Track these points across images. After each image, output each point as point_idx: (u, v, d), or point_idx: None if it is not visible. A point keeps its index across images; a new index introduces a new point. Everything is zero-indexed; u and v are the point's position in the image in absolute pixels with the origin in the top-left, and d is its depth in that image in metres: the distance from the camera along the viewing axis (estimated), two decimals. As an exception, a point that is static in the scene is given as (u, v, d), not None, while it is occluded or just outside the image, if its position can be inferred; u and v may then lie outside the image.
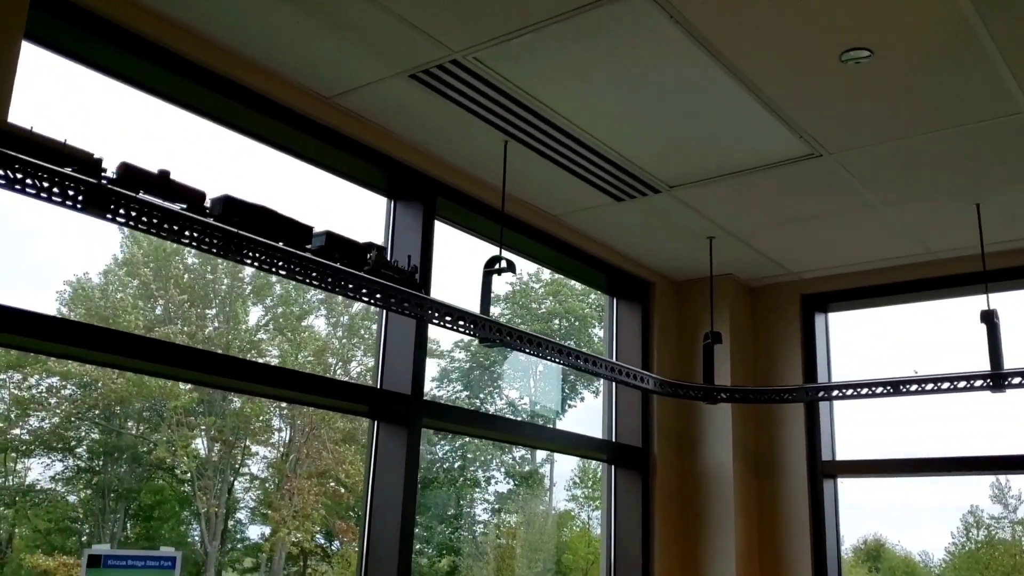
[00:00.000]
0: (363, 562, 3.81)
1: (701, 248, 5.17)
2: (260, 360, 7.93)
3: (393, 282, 3.26)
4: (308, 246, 3.07)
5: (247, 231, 2.86)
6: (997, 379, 4.28)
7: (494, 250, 3.85)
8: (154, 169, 2.71)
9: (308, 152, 3.95)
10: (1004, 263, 5.04)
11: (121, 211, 2.55)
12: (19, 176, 2.36)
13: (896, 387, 4.54)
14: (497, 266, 3.82)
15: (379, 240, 4.22)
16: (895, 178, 4.25)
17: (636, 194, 4.54)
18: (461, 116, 3.80)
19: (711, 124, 3.84)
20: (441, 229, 4.36)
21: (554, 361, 4.06)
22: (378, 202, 4.31)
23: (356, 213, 4.42)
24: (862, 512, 5.15)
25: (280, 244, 2.96)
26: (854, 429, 5.73)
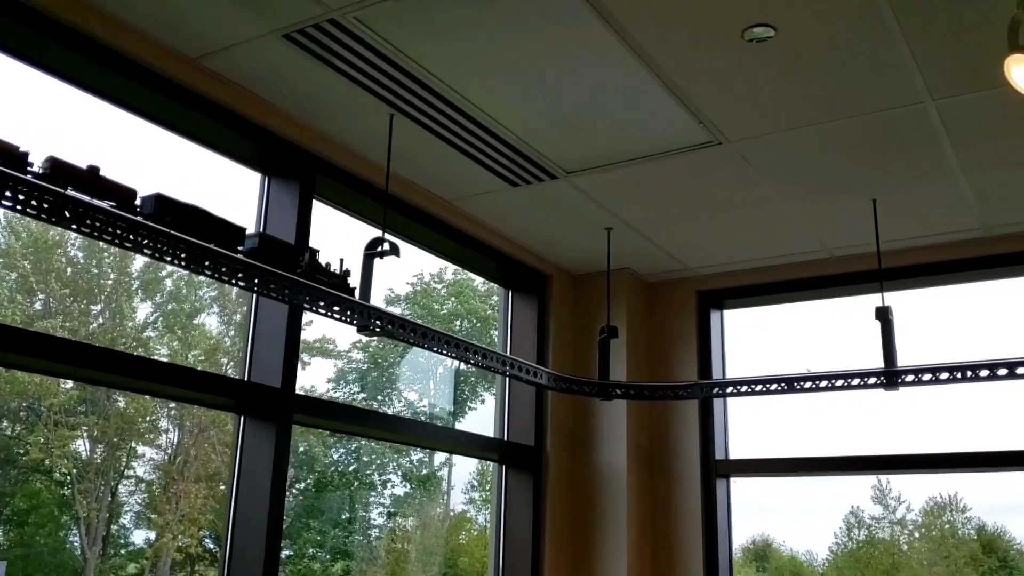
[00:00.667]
0: (225, 568, 3.47)
1: (599, 240, 4.99)
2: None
3: (325, 286, 3.23)
4: (240, 247, 3.01)
5: (179, 231, 2.77)
6: (890, 377, 4.22)
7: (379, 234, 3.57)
8: (83, 165, 2.60)
9: (172, 120, 3.58)
10: (899, 261, 5.02)
11: (46, 207, 2.46)
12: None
13: (791, 384, 4.45)
14: (380, 248, 3.53)
15: (251, 219, 3.92)
16: (794, 170, 4.15)
17: (532, 179, 4.32)
18: (342, 84, 3.50)
19: (611, 106, 3.65)
20: (322, 210, 4.04)
21: (442, 352, 3.79)
22: (252, 178, 3.97)
23: (227, 190, 4.06)
24: (750, 512, 5.12)
25: (211, 245, 2.88)
26: (748, 429, 5.65)
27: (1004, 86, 3.22)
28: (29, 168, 2.44)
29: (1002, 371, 4.02)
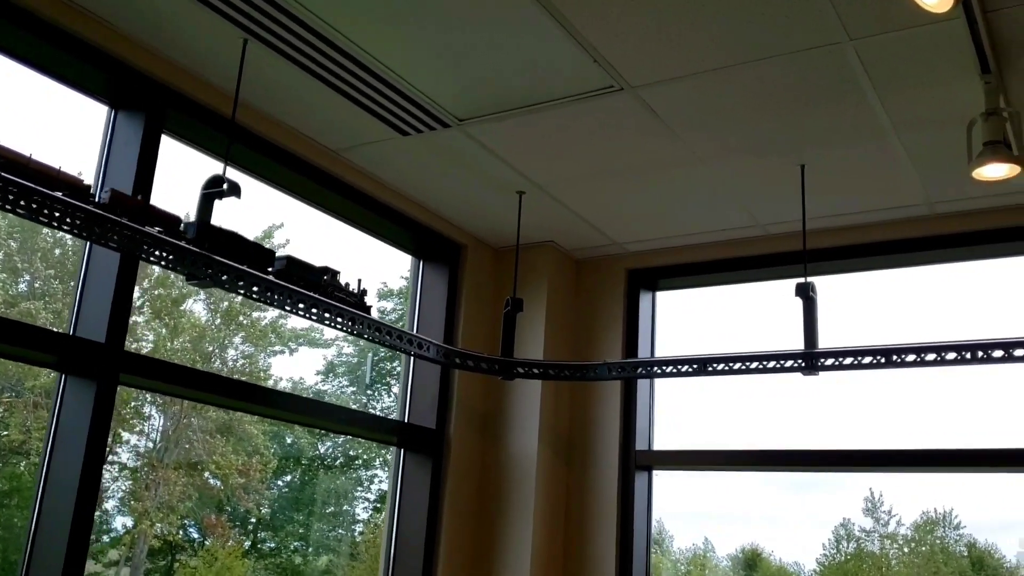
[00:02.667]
0: (27, 557, 3.04)
1: (515, 208, 4.58)
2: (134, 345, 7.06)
3: (343, 303, 3.53)
4: (270, 268, 3.28)
5: (218, 254, 3.06)
6: (810, 359, 3.81)
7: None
8: (137, 196, 3.02)
9: (11, 47, 3.17)
10: (837, 241, 4.63)
11: (111, 235, 2.77)
12: (31, 205, 2.57)
13: (703, 366, 4.04)
14: (222, 187, 3.10)
15: (94, 155, 3.51)
16: (709, 124, 3.73)
17: (422, 127, 3.90)
18: (192, 6, 3.08)
19: (499, 43, 3.24)
20: (177, 149, 3.62)
21: (296, 313, 3.38)
22: (100, 112, 3.56)
23: (75, 124, 3.64)
24: (739, 521, 4.89)
25: (245, 267, 3.14)
26: (687, 418, 5.23)
27: (927, 24, 2.86)
28: (91, 199, 2.75)
29: (929, 356, 3.61)
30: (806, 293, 3.88)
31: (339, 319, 3.50)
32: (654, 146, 3.94)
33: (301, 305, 3.35)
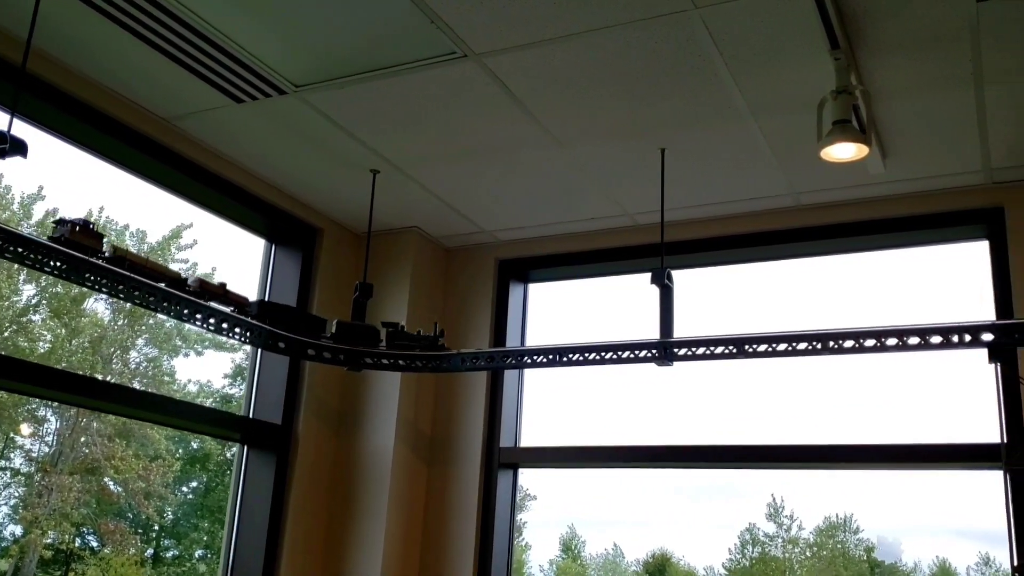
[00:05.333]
0: None
1: (376, 190, 4.31)
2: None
3: (411, 349, 4.05)
4: (324, 334, 3.98)
5: (277, 327, 3.80)
6: (665, 349, 3.65)
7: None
8: (216, 283, 3.60)
9: None
10: (700, 232, 4.52)
11: (197, 315, 3.46)
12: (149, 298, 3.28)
13: (558, 356, 3.84)
14: (4, 145, 2.76)
15: None
16: (562, 99, 3.53)
17: (256, 93, 3.60)
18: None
19: (329, 1, 2.97)
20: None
21: (87, 286, 3.06)
22: None
23: None
24: (649, 526, 4.75)
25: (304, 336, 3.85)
26: (557, 418, 5.03)
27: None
28: (187, 287, 3.42)
29: (781, 346, 3.48)
30: (662, 281, 3.72)
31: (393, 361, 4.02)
32: (509, 124, 3.73)
33: (363, 360, 3.99)
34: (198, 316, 3.44)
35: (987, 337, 3.24)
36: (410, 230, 4.89)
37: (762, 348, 3.50)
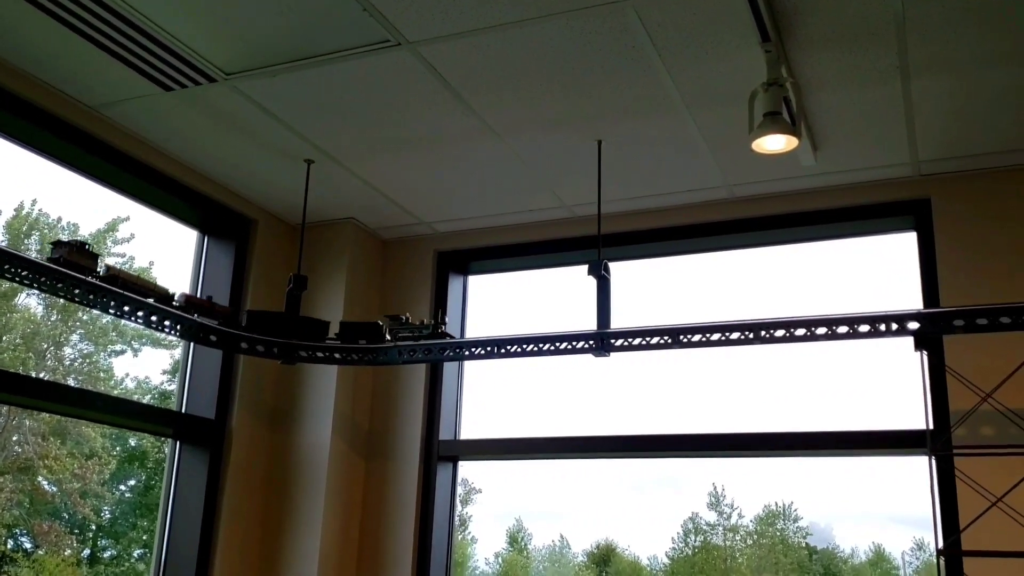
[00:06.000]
0: None
1: (311, 180, 4.25)
2: None
3: (415, 339, 3.97)
4: (330, 335, 4.03)
5: (271, 335, 3.90)
6: (601, 340, 3.66)
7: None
8: (204, 296, 3.91)
9: None
10: (628, 225, 4.52)
11: (125, 307, 3.48)
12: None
13: (495, 348, 3.83)
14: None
15: None
16: (498, 90, 3.51)
17: (186, 80, 3.51)
18: None
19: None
20: None
21: (82, 303, 3.08)
22: None
23: None
24: (594, 518, 4.77)
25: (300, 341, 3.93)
26: (498, 410, 5.01)
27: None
28: (173, 303, 3.67)
29: (715, 335, 3.52)
30: (599, 273, 3.74)
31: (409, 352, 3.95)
32: (446, 114, 3.70)
33: (358, 356, 4.00)
34: (125, 308, 3.47)
35: (913, 326, 3.31)
36: (346, 221, 4.83)
37: (696, 338, 3.53)
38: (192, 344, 4.45)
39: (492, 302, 5.17)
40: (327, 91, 3.56)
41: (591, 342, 3.67)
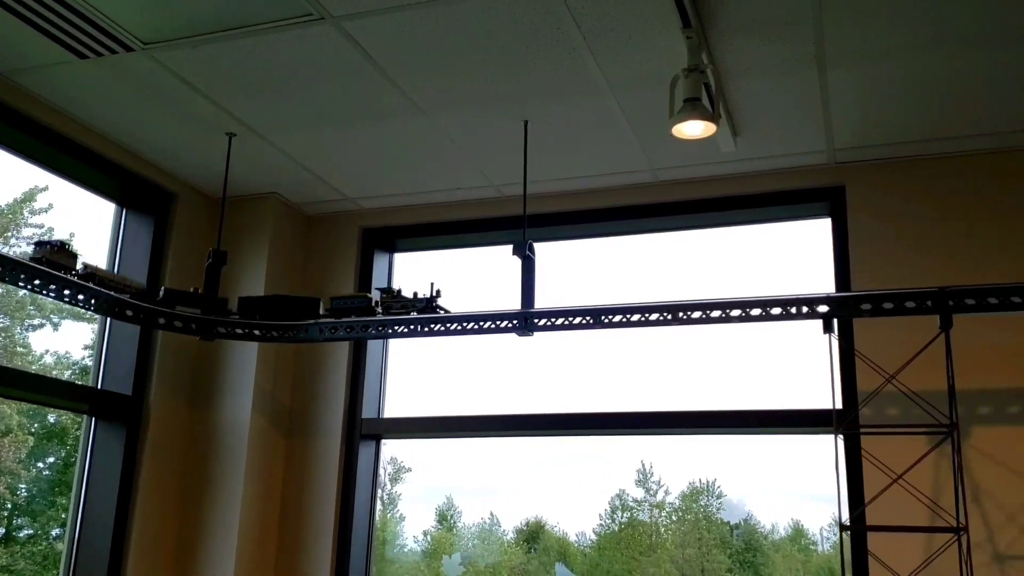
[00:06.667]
0: None
1: (233, 154, 4.17)
2: None
3: (406, 312, 3.91)
4: (321, 312, 3.99)
5: (265, 317, 3.95)
6: (525, 320, 3.69)
7: None
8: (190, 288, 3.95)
9: None
10: (554, 206, 4.56)
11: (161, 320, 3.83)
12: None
13: (420, 326, 3.83)
14: None
15: None
16: (425, 68, 3.49)
17: (101, 49, 3.41)
18: None
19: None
20: None
21: (60, 300, 3.03)
22: None
23: None
24: (524, 495, 4.79)
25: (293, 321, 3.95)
26: (425, 388, 5.01)
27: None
28: (157, 297, 3.86)
29: (635, 316, 3.58)
30: (523, 253, 3.77)
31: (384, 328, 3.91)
32: (371, 90, 3.67)
33: (361, 329, 3.94)
34: (163, 323, 3.81)
35: (822, 309, 3.42)
36: (269, 196, 4.76)
37: (617, 319, 3.59)
38: (108, 320, 4.35)
39: (418, 280, 5.15)
40: (250, 64, 3.50)
41: (514, 321, 3.70)
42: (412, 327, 3.84)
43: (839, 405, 3.78)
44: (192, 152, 4.30)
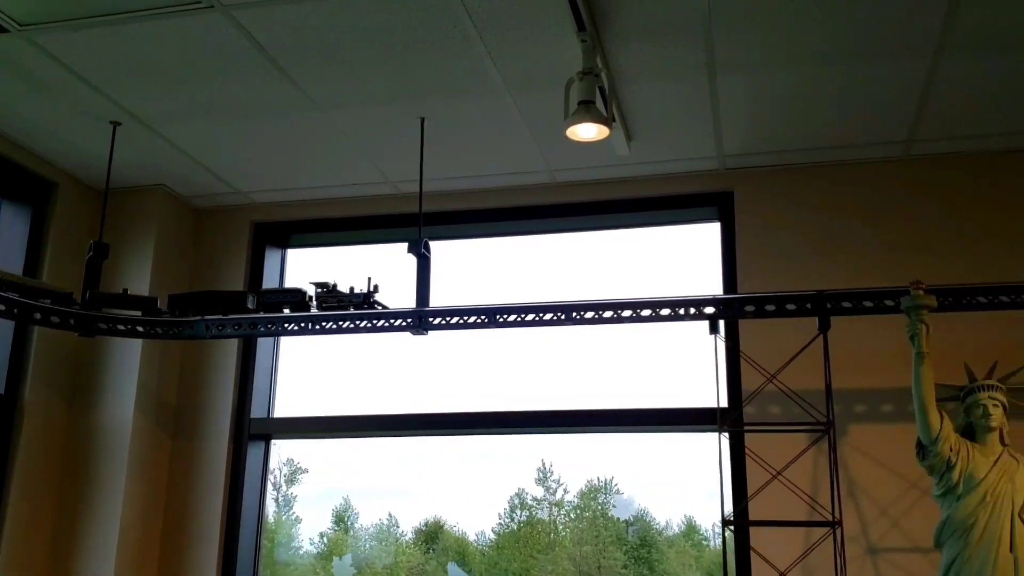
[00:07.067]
0: None
1: (117, 143, 4.01)
2: None
3: (342, 308, 3.79)
4: (249, 306, 3.86)
5: (191, 313, 3.89)
6: (420, 318, 3.67)
7: None
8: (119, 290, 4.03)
9: None
10: (453, 204, 4.56)
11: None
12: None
13: (310, 324, 3.77)
14: None
15: None
16: (319, 62, 3.43)
17: (-30, 28, 3.23)
18: None
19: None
20: None
21: None
22: None
23: None
24: (423, 496, 4.75)
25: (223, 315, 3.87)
26: (319, 387, 4.91)
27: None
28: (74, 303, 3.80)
29: (529, 316, 3.61)
30: (419, 251, 3.75)
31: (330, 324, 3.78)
32: (263, 83, 3.58)
33: (301, 325, 3.83)
34: (103, 328, 3.77)
35: (709, 310, 3.51)
36: (156, 188, 4.61)
37: (512, 318, 3.61)
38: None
39: (312, 277, 5.06)
40: (134, 50, 3.37)
41: (409, 320, 3.68)
42: (303, 325, 3.78)
43: (724, 404, 3.89)
44: (73, 141, 4.12)
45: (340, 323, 3.73)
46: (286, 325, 3.79)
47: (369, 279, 3.79)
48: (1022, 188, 3.97)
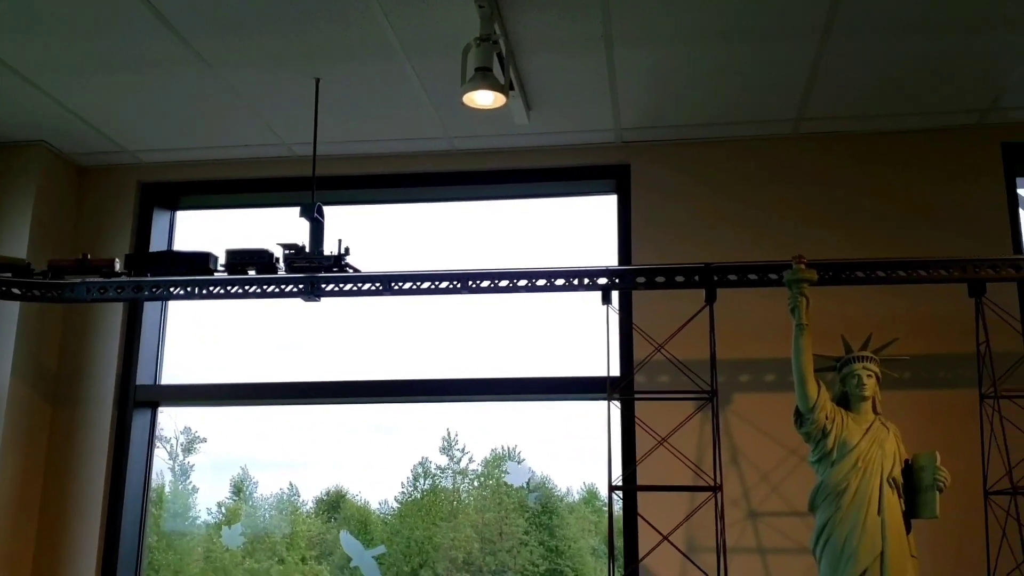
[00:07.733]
0: None
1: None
2: None
3: (312, 271, 3.61)
4: (215, 269, 3.74)
5: (157, 274, 3.73)
6: (312, 285, 3.61)
7: None
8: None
9: None
10: (347, 169, 4.48)
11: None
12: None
13: (198, 288, 3.67)
14: None
15: None
16: (208, 16, 3.30)
17: None
18: None
19: None
20: None
21: None
22: None
23: None
24: (326, 465, 4.74)
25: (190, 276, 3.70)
26: (216, 354, 4.78)
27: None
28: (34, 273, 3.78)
29: (425, 284, 3.60)
30: (311, 215, 3.67)
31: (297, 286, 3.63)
32: (151, 39, 3.44)
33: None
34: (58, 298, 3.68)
35: (602, 281, 3.56)
36: (36, 144, 4.38)
37: (407, 286, 3.59)
38: None
39: (203, 241, 4.92)
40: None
41: (301, 286, 3.61)
42: (189, 290, 3.67)
43: (617, 373, 3.97)
44: (-57, 91, 3.88)
45: (228, 288, 3.64)
46: (172, 290, 3.68)
47: (340, 241, 3.68)
48: (904, 168, 4.14)
